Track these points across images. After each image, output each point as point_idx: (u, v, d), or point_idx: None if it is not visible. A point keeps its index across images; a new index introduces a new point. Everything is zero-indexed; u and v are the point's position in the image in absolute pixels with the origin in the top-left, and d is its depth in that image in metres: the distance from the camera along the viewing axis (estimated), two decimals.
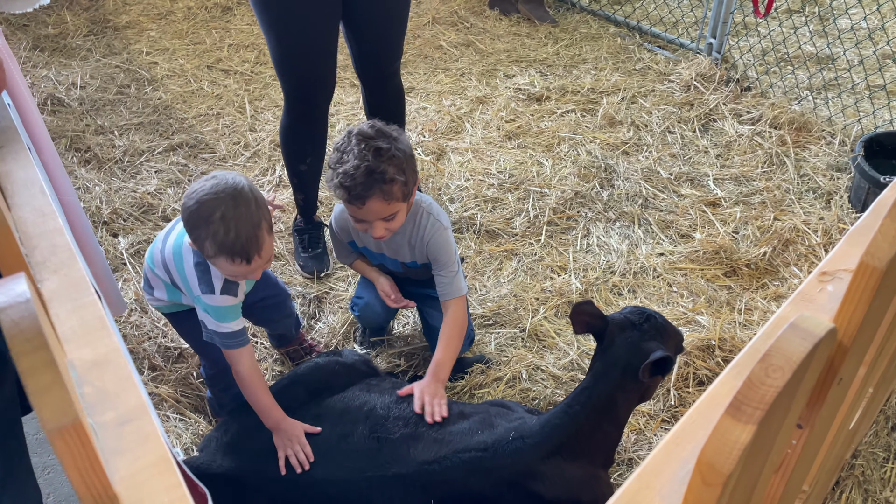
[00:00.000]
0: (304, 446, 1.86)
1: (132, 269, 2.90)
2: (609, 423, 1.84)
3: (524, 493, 1.77)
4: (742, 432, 0.56)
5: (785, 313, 0.87)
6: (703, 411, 0.75)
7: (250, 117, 3.93)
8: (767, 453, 0.66)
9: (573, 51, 4.59)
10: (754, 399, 0.57)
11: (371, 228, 2.02)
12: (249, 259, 1.77)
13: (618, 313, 1.93)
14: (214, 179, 1.76)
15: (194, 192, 1.75)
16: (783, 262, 2.92)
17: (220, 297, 1.90)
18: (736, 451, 0.56)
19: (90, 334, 0.80)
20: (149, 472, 0.68)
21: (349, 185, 1.90)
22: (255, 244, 1.76)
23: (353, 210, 1.99)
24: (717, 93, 3.97)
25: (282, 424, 1.89)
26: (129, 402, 0.73)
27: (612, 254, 2.99)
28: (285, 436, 1.88)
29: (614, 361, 1.81)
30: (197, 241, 1.77)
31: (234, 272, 1.82)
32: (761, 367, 0.58)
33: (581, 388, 1.84)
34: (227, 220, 1.71)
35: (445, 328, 2.16)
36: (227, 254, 1.74)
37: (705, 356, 2.50)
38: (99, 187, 3.30)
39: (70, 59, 4.45)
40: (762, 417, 0.56)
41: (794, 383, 0.59)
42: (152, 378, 2.45)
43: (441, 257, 2.16)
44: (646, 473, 0.70)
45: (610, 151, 3.58)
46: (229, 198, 1.73)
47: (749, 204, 3.24)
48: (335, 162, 1.95)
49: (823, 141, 3.62)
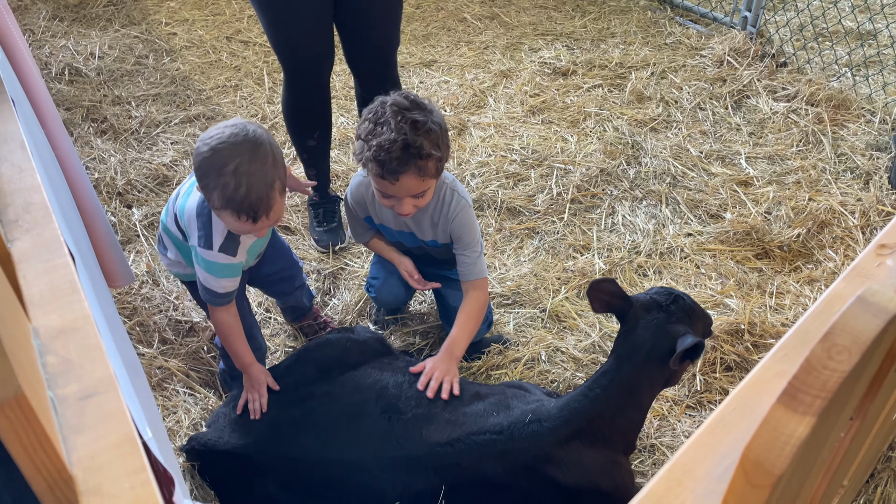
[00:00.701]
0: (263, 396, 1.91)
1: (145, 241, 2.84)
2: (631, 408, 1.74)
3: (541, 478, 1.69)
4: (798, 425, 0.46)
5: (839, 290, 0.77)
6: (743, 398, 0.65)
7: (268, 89, 3.85)
8: (821, 449, 0.57)
9: (601, 24, 4.44)
10: (815, 386, 0.47)
11: (399, 205, 1.91)
12: (256, 218, 1.69)
13: (643, 294, 1.83)
14: (234, 128, 1.65)
15: (210, 137, 1.65)
16: (818, 244, 2.79)
17: (217, 254, 1.83)
18: (790, 447, 0.46)
19: (59, 299, 0.73)
20: (110, 454, 0.60)
21: (383, 160, 1.78)
22: (265, 204, 1.68)
23: (383, 185, 1.87)
24: (751, 68, 3.81)
25: (249, 369, 1.95)
26: (94, 374, 0.65)
27: (637, 233, 2.88)
28: (249, 381, 1.94)
29: (638, 344, 1.72)
30: (205, 189, 1.68)
31: (238, 228, 1.75)
32: (823, 348, 0.48)
33: (602, 371, 1.74)
34: (239, 175, 1.62)
35: (465, 307, 2.08)
36: (234, 209, 1.66)
37: (734, 341, 2.38)
38: (114, 158, 3.24)
39: (89, 28, 4.39)
40: (823, 408, 0.46)
41: (861, 367, 0.49)
42: (162, 352, 2.39)
43: (465, 236, 2.07)
44: (677, 469, 0.61)
45: (638, 128, 3.45)
46: (246, 150, 1.63)
47: (783, 183, 3.10)
48: (367, 133, 1.82)
49: (863, 119, 3.46)
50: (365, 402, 1.85)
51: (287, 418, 1.87)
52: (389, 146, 1.76)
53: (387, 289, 2.36)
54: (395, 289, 2.35)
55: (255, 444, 1.83)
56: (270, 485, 1.80)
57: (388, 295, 2.38)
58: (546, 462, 1.69)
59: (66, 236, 0.85)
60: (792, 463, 0.47)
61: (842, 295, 0.75)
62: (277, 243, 2.28)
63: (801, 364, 0.47)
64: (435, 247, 2.18)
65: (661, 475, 0.60)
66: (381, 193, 1.93)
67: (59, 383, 0.64)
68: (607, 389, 1.70)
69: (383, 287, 2.36)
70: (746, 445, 0.48)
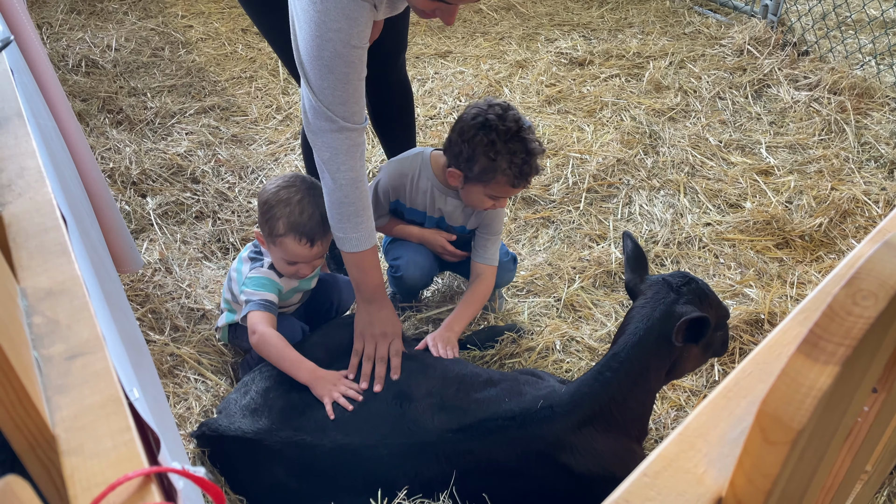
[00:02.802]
0: (350, 385, 1.84)
1: (158, 230, 2.84)
2: (641, 390, 1.70)
3: (553, 465, 1.65)
4: (820, 375, 0.43)
5: (863, 252, 0.73)
6: (761, 361, 0.61)
7: (283, 80, 3.84)
8: (845, 409, 0.53)
9: (619, 14, 4.39)
10: (838, 333, 0.43)
11: (505, 201, 2.14)
12: (314, 242, 1.97)
13: (657, 275, 1.79)
14: (293, 176, 2.06)
15: (273, 184, 2.01)
16: (840, 233, 2.73)
17: (266, 271, 2.07)
18: (811, 399, 0.43)
19: (49, 261, 0.70)
20: (94, 414, 0.57)
21: (527, 171, 2.02)
22: (322, 231, 1.97)
23: (507, 191, 2.08)
24: (771, 57, 3.74)
25: (319, 373, 1.87)
26: (81, 335, 0.63)
27: (655, 223, 2.83)
28: (327, 382, 1.85)
29: (647, 324, 1.67)
30: (269, 220, 1.97)
31: (295, 253, 1.98)
32: (847, 294, 0.44)
33: (612, 354, 1.70)
34: (303, 204, 1.95)
35: (473, 289, 2.17)
36: (297, 232, 1.94)
37: (753, 330, 2.33)
38: (129, 148, 3.24)
39: (106, 21, 4.41)
40: (847, 357, 0.42)
41: (889, 316, 0.45)
42: (174, 339, 2.38)
43: (495, 224, 2.23)
44: (689, 432, 0.57)
45: (655, 117, 3.39)
46: (307, 188, 1.99)
47: (804, 173, 3.04)
48: (493, 150, 1.99)
49: (887, 108, 3.38)
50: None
51: (298, 404, 1.85)
52: (528, 158, 2.01)
53: (413, 266, 2.31)
54: (421, 264, 2.32)
55: (265, 430, 1.81)
56: (281, 471, 1.77)
57: (416, 271, 2.32)
58: (559, 448, 1.65)
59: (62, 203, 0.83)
60: (813, 416, 0.43)
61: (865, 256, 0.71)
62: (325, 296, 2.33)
63: (822, 311, 0.44)
64: (462, 232, 2.29)
65: (672, 438, 0.57)
66: (492, 198, 2.10)
67: (45, 343, 0.62)
68: (618, 372, 1.66)
69: (409, 266, 2.31)
70: (763, 399, 0.44)
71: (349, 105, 1.75)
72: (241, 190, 3.03)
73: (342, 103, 1.73)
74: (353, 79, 1.72)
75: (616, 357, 1.68)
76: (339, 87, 1.71)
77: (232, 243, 2.78)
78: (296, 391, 1.88)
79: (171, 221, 2.89)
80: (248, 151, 3.29)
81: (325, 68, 1.68)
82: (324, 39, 1.64)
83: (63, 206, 0.85)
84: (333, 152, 1.79)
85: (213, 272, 2.65)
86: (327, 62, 1.67)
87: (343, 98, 1.73)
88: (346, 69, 1.69)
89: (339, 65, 1.67)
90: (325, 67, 1.68)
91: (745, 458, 0.48)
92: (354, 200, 1.85)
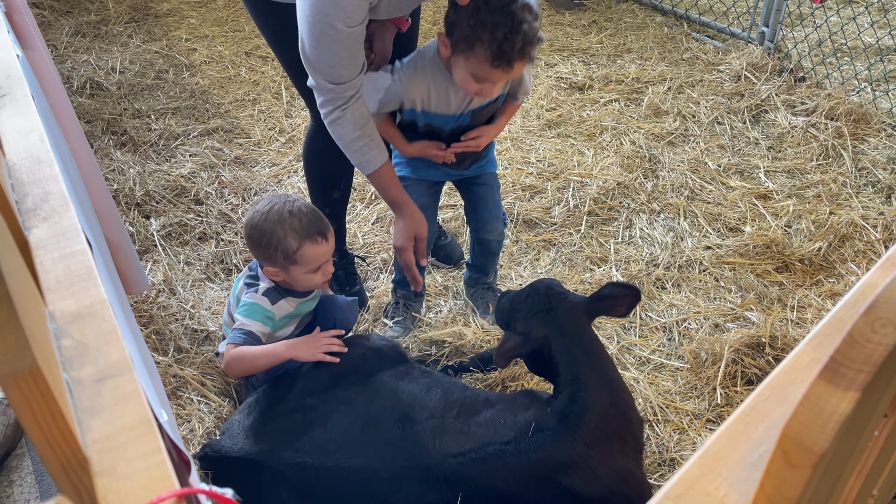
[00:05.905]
0: (330, 340, 1.96)
1: (162, 251, 2.85)
2: (613, 385, 1.82)
3: (554, 487, 1.66)
4: (841, 400, 0.44)
5: (873, 279, 0.74)
6: (777, 386, 0.63)
7: (286, 103, 3.87)
8: (863, 432, 0.54)
9: (618, 40, 4.44)
10: (858, 359, 0.45)
11: (490, 89, 1.93)
12: (326, 236, 1.97)
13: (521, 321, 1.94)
14: (264, 201, 2.00)
15: (251, 216, 1.98)
16: (839, 258, 2.75)
17: (259, 297, 2.03)
18: (832, 423, 0.44)
19: (75, 284, 0.72)
20: (125, 435, 0.58)
21: (505, 49, 1.77)
22: (324, 221, 1.99)
23: (492, 73, 1.84)
24: (769, 83, 3.79)
25: (296, 342, 1.96)
26: (110, 357, 0.64)
27: (655, 246, 2.85)
28: (307, 346, 1.95)
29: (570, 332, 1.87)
30: (276, 245, 1.93)
31: (319, 254, 1.97)
32: (866, 322, 0.46)
33: (567, 370, 1.82)
34: (294, 213, 1.94)
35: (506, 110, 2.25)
36: (311, 236, 1.93)
37: (755, 354, 2.34)
38: (133, 169, 3.26)
39: (111, 44, 4.45)
40: (868, 382, 0.44)
41: None
42: (177, 360, 2.38)
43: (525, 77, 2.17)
44: (709, 456, 0.59)
45: (655, 142, 3.43)
46: (283, 200, 1.97)
47: (803, 197, 3.07)
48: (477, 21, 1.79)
49: (884, 133, 3.42)
50: (380, 410, 1.83)
51: (301, 425, 1.85)
52: (511, 35, 1.76)
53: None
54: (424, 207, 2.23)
55: (268, 452, 1.81)
56: (283, 492, 1.77)
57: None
58: (558, 470, 1.67)
59: (84, 227, 0.85)
60: (835, 441, 0.45)
61: (876, 284, 0.73)
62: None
63: (842, 338, 0.46)
64: (489, 104, 2.16)
65: (692, 462, 0.58)
66: (475, 78, 1.89)
67: (75, 366, 0.63)
68: (587, 381, 1.76)
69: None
70: (785, 424, 0.46)
71: (342, 68, 1.82)
72: (244, 211, 3.04)
73: (331, 66, 1.81)
74: (342, 54, 1.80)
75: (570, 370, 1.81)
76: (331, 54, 1.80)
77: (235, 264, 2.79)
78: (299, 412, 1.89)
79: (175, 243, 2.90)
80: (251, 173, 3.31)
81: (314, 39, 1.77)
82: (315, 19, 1.75)
83: (86, 229, 0.86)
84: (355, 125, 1.92)
85: (216, 293, 2.66)
86: (317, 37, 1.77)
87: (333, 62, 1.81)
88: (335, 45, 1.77)
89: (327, 41, 1.77)
90: (314, 39, 1.77)
91: (768, 481, 0.49)
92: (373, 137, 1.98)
